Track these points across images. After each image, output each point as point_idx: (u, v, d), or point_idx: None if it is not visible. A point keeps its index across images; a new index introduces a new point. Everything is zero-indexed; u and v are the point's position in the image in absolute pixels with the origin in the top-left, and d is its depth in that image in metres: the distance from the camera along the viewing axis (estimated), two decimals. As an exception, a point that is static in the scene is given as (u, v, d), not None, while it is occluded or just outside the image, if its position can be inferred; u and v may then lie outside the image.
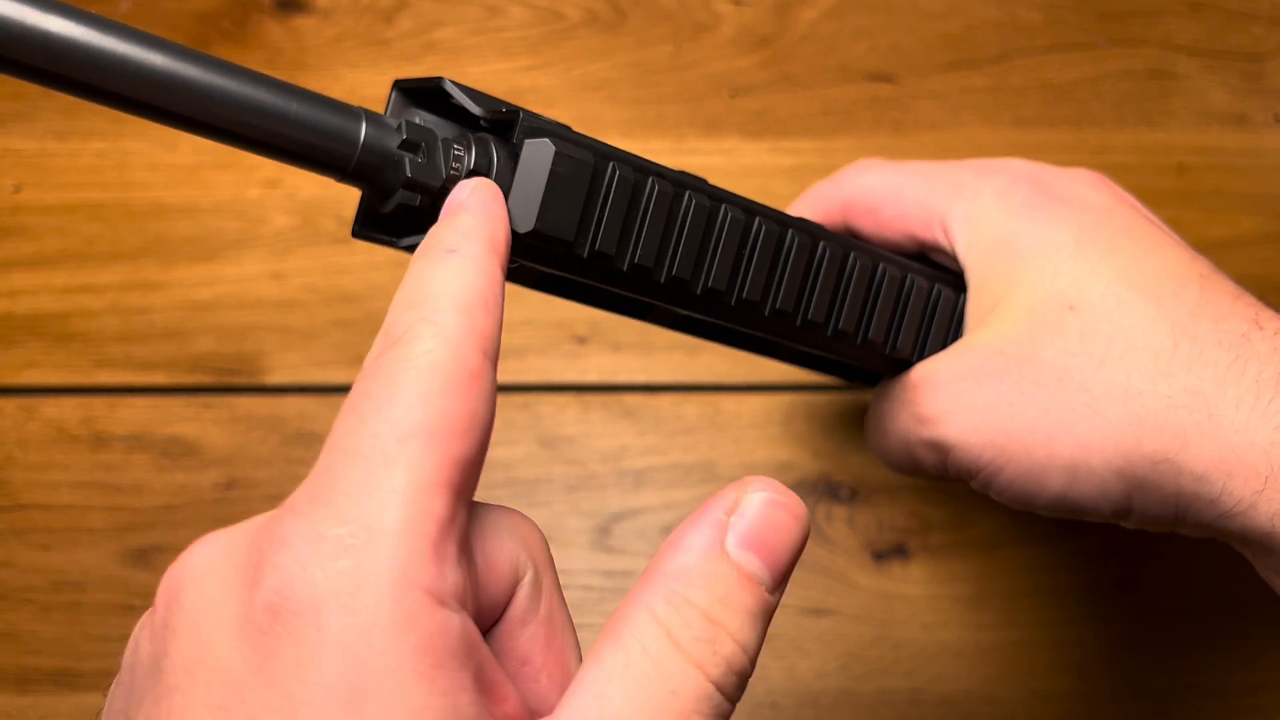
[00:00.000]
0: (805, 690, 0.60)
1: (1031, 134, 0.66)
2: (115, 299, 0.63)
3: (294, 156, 0.29)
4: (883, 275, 0.40)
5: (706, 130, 0.66)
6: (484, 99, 0.32)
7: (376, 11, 0.67)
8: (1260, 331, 0.36)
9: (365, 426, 0.25)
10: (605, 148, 0.33)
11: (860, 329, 0.40)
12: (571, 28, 0.67)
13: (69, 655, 0.59)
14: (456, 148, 0.30)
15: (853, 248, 0.39)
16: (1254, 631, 0.62)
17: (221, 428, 0.62)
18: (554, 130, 0.31)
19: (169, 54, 0.27)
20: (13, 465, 0.61)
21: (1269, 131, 0.67)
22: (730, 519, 0.27)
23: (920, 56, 0.67)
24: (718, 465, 0.62)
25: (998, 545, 0.62)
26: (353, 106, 0.30)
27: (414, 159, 0.30)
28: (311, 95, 0.29)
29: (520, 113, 0.31)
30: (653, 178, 0.33)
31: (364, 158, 0.29)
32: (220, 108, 0.28)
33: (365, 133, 0.29)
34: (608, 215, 0.32)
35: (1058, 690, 0.60)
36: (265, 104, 0.28)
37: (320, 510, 0.24)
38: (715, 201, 0.34)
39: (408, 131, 0.30)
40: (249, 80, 0.28)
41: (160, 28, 0.66)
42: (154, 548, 0.61)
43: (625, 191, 0.32)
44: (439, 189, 0.30)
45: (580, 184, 0.31)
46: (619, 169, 0.32)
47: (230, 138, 0.28)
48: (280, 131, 0.28)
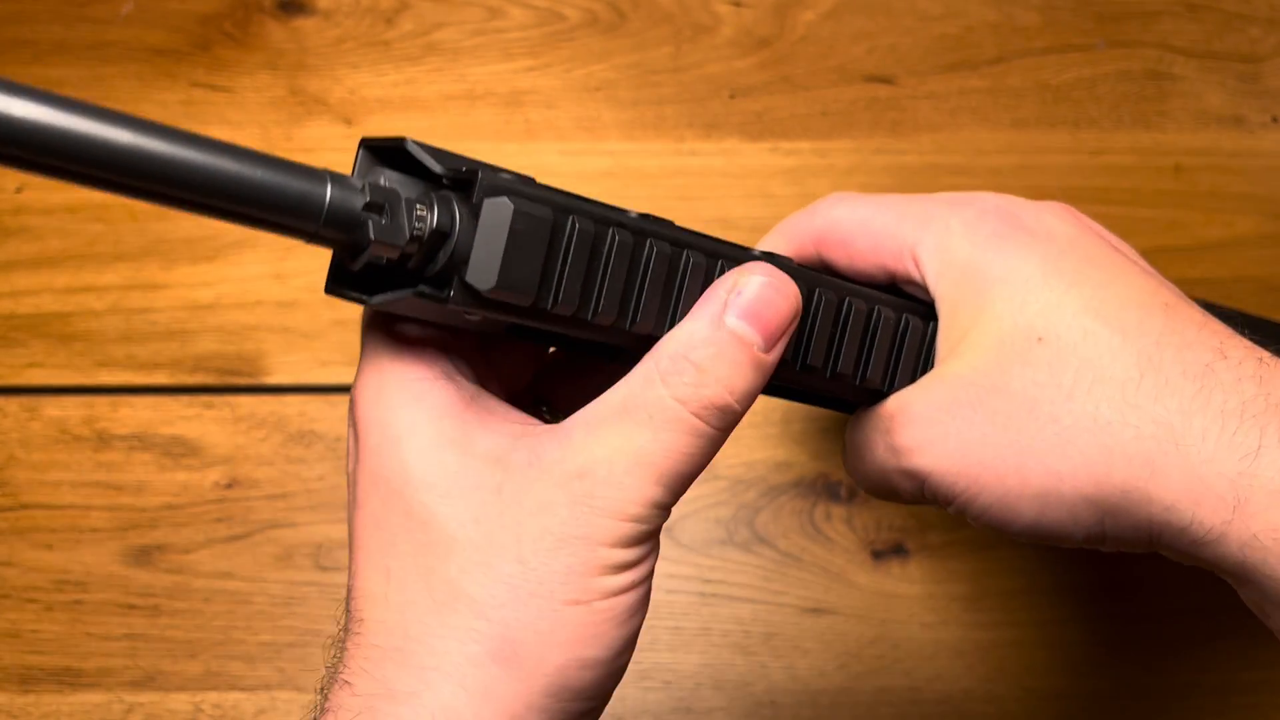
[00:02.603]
0: (805, 689, 0.60)
1: (1029, 135, 0.67)
2: (117, 299, 0.63)
3: (261, 223, 0.30)
4: (849, 309, 0.40)
5: (706, 131, 0.66)
6: (446, 157, 0.32)
7: (378, 13, 0.67)
8: (1224, 361, 0.36)
9: None
10: (567, 200, 0.33)
11: (829, 363, 0.40)
12: (572, 29, 0.67)
13: (71, 654, 0.60)
14: (419, 207, 0.31)
15: (817, 283, 0.39)
16: (1252, 631, 0.62)
17: (223, 427, 0.62)
18: (513, 188, 0.32)
19: (133, 130, 0.27)
20: (15, 465, 0.61)
21: (1266, 133, 0.67)
22: (729, 297, 0.34)
23: (918, 58, 0.67)
24: (717, 465, 0.62)
25: (996, 544, 0.62)
26: (318, 170, 0.30)
27: (378, 220, 0.30)
28: (276, 161, 0.29)
29: (479, 171, 0.32)
30: (613, 228, 0.34)
31: (330, 221, 0.30)
32: (187, 181, 0.28)
33: (330, 196, 0.30)
34: (569, 269, 0.33)
35: (1056, 689, 0.61)
36: (231, 174, 0.28)
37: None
38: (677, 248, 0.35)
39: (371, 193, 0.30)
40: (214, 151, 0.28)
41: (163, 29, 0.67)
42: (156, 547, 0.61)
43: (586, 244, 0.33)
44: (403, 249, 0.31)
45: (540, 240, 0.32)
46: (579, 222, 0.33)
47: (198, 209, 0.29)
48: (247, 200, 0.29)
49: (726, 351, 0.33)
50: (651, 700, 0.60)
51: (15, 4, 0.67)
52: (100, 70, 0.66)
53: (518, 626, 0.32)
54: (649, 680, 0.60)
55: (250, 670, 0.60)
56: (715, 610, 0.61)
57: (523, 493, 0.33)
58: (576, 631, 0.33)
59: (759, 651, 0.60)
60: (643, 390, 0.33)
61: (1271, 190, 0.66)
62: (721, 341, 0.33)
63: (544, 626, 0.32)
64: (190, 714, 0.59)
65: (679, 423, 0.33)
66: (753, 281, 0.34)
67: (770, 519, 0.62)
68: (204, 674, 0.59)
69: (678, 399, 0.33)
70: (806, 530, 0.62)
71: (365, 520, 0.34)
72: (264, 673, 0.59)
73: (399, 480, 0.34)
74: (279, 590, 0.60)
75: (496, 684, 0.32)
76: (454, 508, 0.33)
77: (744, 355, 0.34)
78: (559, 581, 0.32)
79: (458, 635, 0.32)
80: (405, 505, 0.33)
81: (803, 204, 0.66)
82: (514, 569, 0.32)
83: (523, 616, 0.32)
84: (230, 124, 0.65)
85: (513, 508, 0.33)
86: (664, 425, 0.33)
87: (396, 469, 0.34)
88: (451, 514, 0.33)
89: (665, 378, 0.33)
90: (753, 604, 0.61)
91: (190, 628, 0.60)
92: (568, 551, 0.32)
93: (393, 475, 0.34)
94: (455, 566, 0.33)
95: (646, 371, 0.33)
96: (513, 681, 0.32)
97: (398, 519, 0.34)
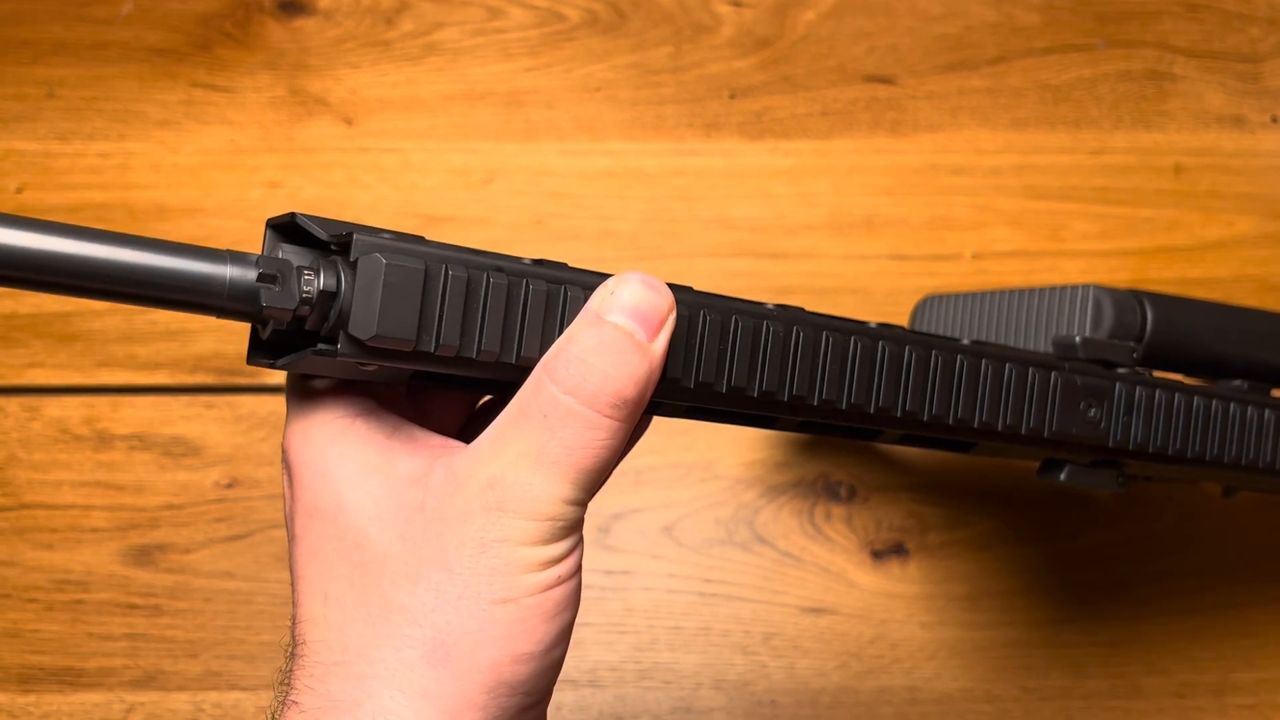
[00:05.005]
0: (804, 688, 0.60)
1: (1029, 135, 0.67)
2: (118, 299, 0.63)
3: (170, 304, 0.33)
4: (736, 326, 0.41)
5: (706, 131, 0.66)
6: (331, 225, 0.35)
7: (378, 13, 0.67)
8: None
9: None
10: (445, 251, 0.36)
11: (721, 379, 0.41)
12: (572, 29, 0.67)
13: (72, 654, 0.60)
14: (308, 273, 0.34)
15: (701, 305, 0.40)
16: (1250, 631, 0.63)
17: (223, 427, 0.62)
18: (387, 245, 0.34)
19: (37, 231, 0.30)
20: (16, 465, 0.61)
21: (1266, 132, 0.67)
22: (606, 298, 0.36)
23: (918, 58, 0.67)
24: (716, 465, 0.62)
25: (994, 545, 0.62)
26: (219, 251, 0.33)
27: (271, 289, 0.33)
28: (179, 247, 0.32)
29: (354, 235, 0.34)
30: (488, 273, 0.36)
31: (232, 295, 0.33)
32: (95, 275, 0.31)
33: (229, 274, 0.33)
34: (445, 313, 0.35)
35: (1054, 688, 0.61)
36: (136, 265, 0.32)
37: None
38: (556, 285, 0.37)
39: (263, 265, 0.33)
40: (119, 244, 0.31)
41: (163, 29, 0.67)
42: (156, 546, 0.61)
43: (460, 289, 0.35)
44: (294, 311, 0.33)
45: (414, 290, 0.34)
46: (452, 269, 0.35)
47: (111, 297, 0.32)
48: (154, 285, 0.32)
49: (609, 342, 0.35)
50: (651, 700, 0.60)
51: (15, 4, 0.67)
52: (100, 70, 0.66)
53: (449, 629, 0.34)
54: (649, 680, 0.60)
55: (251, 670, 0.60)
56: (715, 610, 0.61)
57: (443, 507, 0.34)
58: (507, 629, 0.34)
59: (759, 651, 0.61)
60: (534, 393, 0.35)
61: (1271, 190, 0.66)
62: (603, 335, 0.35)
63: (474, 626, 0.34)
64: (191, 714, 0.59)
65: (573, 417, 0.34)
66: (627, 282, 0.36)
67: (770, 519, 0.62)
68: (204, 674, 0.59)
69: (567, 392, 0.34)
70: (806, 530, 0.62)
71: (303, 552, 0.36)
72: (264, 672, 0.59)
73: (332, 509, 0.36)
74: (279, 590, 0.60)
75: (433, 684, 0.34)
76: (382, 528, 0.35)
77: (627, 343, 0.35)
78: (484, 583, 0.34)
79: (393, 643, 0.34)
80: (339, 531, 0.35)
81: (803, 204, 0.67)
82: (441, 576, 0.34)
83: (453, 619, 0.34)
84: (230, 124, 0.65)
85: (435, 522, 0.34)
86: (559, 422, 0.34)
87: (329, 499, 0.36)
88: (380, 534, 0.35)
89: (553, 376, 0.34)
90: (753, 604, 0.61)
91: (191, 627, 0.60)
92: (489, 554, 0.34)
93: (326, 506, 0.36)
94: (387, 581, 0.34)
95: (536, 376, 0.35)
96: (449, 680, 0.34)
97: (332, 545, 0.36)
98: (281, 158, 0.65)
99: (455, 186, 0.65)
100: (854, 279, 0.65)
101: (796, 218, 0.65)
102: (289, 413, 0.37)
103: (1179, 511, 0.64)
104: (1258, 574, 0.63)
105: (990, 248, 0.65)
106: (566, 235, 0.64)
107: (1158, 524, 0.63)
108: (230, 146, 0.65)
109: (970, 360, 0.42)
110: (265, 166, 0.65)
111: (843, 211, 0.66)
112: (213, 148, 0.65)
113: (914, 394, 0.41)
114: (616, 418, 0.35)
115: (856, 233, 0.65)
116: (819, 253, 0.65)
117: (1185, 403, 0.47)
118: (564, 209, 0.65)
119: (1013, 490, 0.63)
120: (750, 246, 0.65)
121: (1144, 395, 0.46)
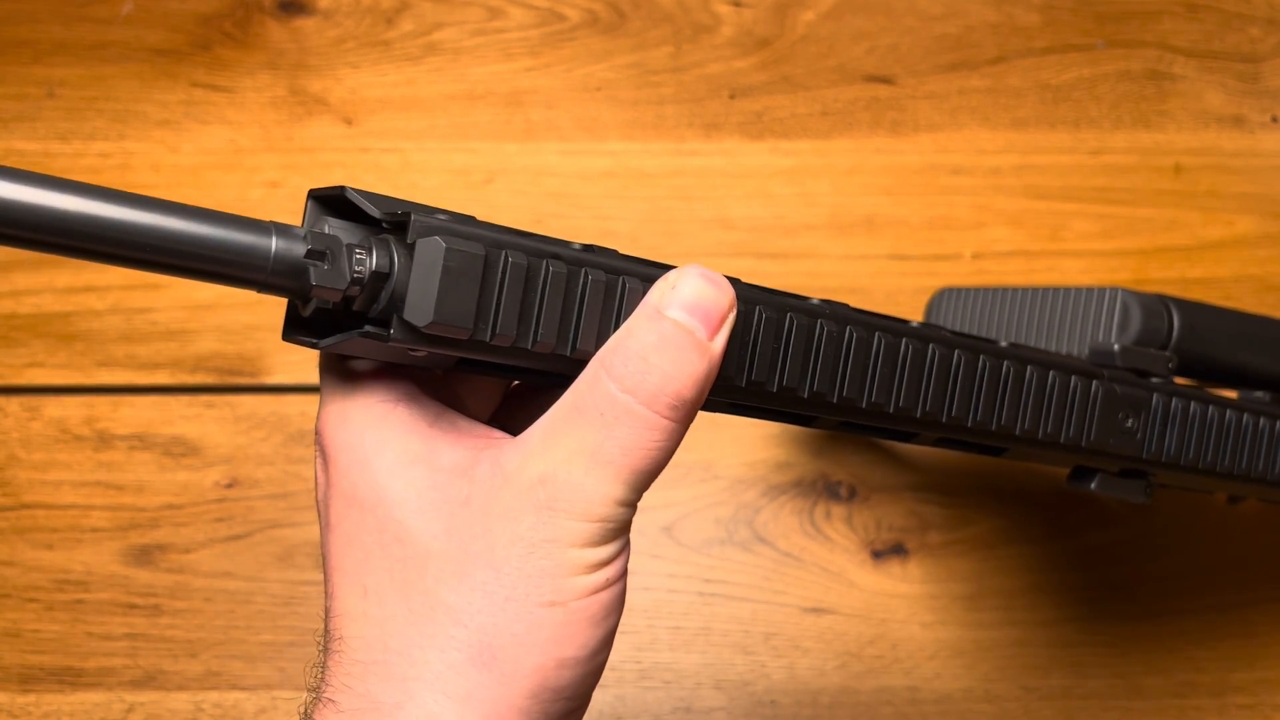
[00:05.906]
0: (804, 688, 0.60)
1: (1029, 135, 0.67)
2: (118, 299, 0.63)
3: (214, 277, 0.31)
4: (791, 325, 0.40)
5: (706, 131, 0.66)
6: (384, 201, 0.33)
7: (378, 13, 0.67)
8: None
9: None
10: (502, 235, 0.34)
11: (774, 377, 0.40)
12: (572, 29, 0.67)
13: (72, 653, 0.60)
14: (359, 251, 0.32)
15: (757, 300, 0.39)
16: (1250, 631, 0.63)
17: (223, 427, 0.62)
18: (446, 227, 0.33)
19: (79, 194, 0.28)
20: (16, 464, 0.61)
21: (1266, 132, 0.67)
22: (667, 293, 0.35)
23: (919, 58, 0.67)
24: (717, 465, 0.62)
25: (995, 544, 0.62)
26: (263, 222, 0.31)
27: (320, 266, 0.31)
28: (223, 217, 0.31)
29: (412, 214, 0.33)
30: (548, 260, 0.35)
31: (276, 270, 0.31)
32: (137, 242, 0.29)
33: (275, 247, 0.31)
34: (504, 301, 0.34)
35: (1055, 688, 0.61)
36: (182, 233, 0.30)
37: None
38: (614, 275, 0.36)
39: (312, 241, 0.32)
40: (162, 210, 0.30)
41: (163, 29, 0.67)
42: (156, 547, 0.61)
43: (520, 277, 0.34)
44: (344, 292, 0.32)
45: (474, 275, 0.33)
46: (512, 256, 0.34)
47: (155, 267, 0.30)
48: (199, 256, 0.30)
49: (669, 339, 0.34)
50: (652, 699, 0.60)
51: (15, 4, 0.67)
52: (100, 70, 0.66)
53: (495, 631, 0.33)
54: (649, 680, 0.60)
55: (251, 670, 0.60)
56: (715, 610, 0.61)
57: (490, 502, 0.33)
58: (553, 632, 0.33)
59: (759, 651, 0.61)
60: (591, 389, 0.33)
61: (1271, 190, 0.66)
62: (663, 331, 0.34)
63: (521, 629, 0.33)
64: (191, 713, 0.59)
65: (630, 416, 0.33)
66: (687, 276, 0.35)
67: (770, 519, 0.62)
68: (204, 673, 0.59)
69: (626, 391, 0.33)
70: (806, 530, 0.62)
71: (339, 541, 0.35)
72: (264, 672, 0.59)
73: (371, 499, 0.34)
74: (279, 590, 0.60)
75: (478, 688, 0.33)
76: (425, 521, 0.34)
77: (687, 341, 0.34)
78: (533, 585, 0.33)
79: (437, 644, 0.33)
80: (378, 522, 0.34)
81: (803, 204, 0.67)
82: (488, 576, 0.33)
83: (499, 621, 0.33)
84: (230, 124, 0.65)
85: (482, 518, 0.33)
86: (616, 421, 0.33)
87: (368, 488, 0.34)
88: (424, 527, 0.34)
89: (611, 372, 0.33)
90: (753, 604, 0.61)
91: (191, 627, 0.60)
92: (539, 555, 0.33)
93: (365, 494, 0.34)
94: (431, 577, 0.33)
95: (593, 371, 0.34)
96: (494, 685, 0.33)
97: (371, 536, 0.34)
98: (281, 158, 0.65)
99: (455, 186, 0.65)
100: (854, 279, 0.65)
101: (796, 218, 0.65)
102: (324, 393, 0.36)
103: (1180, 512, 0.64)
104: (1258, 575, 0.63)
105: (990, 248, 0.65)
106: (566, 235, 0.64)
107: (1159, 524, 0.63)
108: (230, 146, 0.65)
109: (1015, 367, 0.41)
110: (265, 166, 0.65)
111: (843, 211, 0.66)
112: (213, 148, 0.65)
113: (960, 399, 0.40)
114: (674, 419, 0.34)
115: (856, 233, 0.65)
116: (819, 253, 0.65)
117: (1218, 416, 0.46)
118: (564, 209, 0.65)
119: (1013, 490, 0.63)
120: (750, 246, 0.65)
121: (1179, 407, 0.45)
